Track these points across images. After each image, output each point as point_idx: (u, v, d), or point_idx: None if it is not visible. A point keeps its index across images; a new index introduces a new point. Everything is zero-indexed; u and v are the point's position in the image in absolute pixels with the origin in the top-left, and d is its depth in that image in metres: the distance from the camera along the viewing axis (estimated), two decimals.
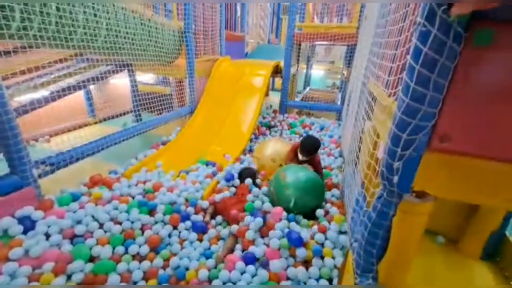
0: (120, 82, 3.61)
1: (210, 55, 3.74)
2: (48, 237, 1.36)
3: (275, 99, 4.61)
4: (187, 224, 1.65)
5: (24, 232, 1.36)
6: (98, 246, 1.38)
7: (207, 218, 1.72)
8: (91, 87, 3.48)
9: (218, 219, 1.75)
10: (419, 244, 0.82)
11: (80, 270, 1.25)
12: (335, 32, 3.63)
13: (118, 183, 1.89)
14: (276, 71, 4.00)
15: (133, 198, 1.74)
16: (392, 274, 0.87)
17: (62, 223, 1.41)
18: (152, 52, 2.54)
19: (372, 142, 1.03)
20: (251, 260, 1.38)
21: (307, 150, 1.98)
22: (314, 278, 1.33)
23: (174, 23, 2.96)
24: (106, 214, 1.53)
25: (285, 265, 1.37)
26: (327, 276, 1.33)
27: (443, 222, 1.22)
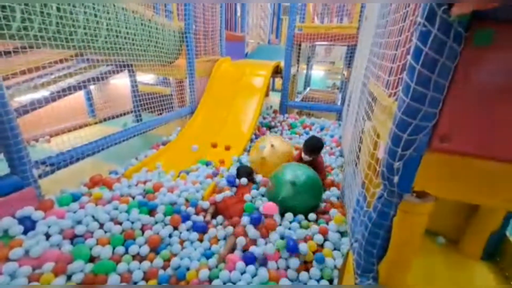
0: (121, 82, 3.61)
1: (210, 55, 3.74)
2: (48, 237, 1.36)
3: (275, 99, 4.62)
4: (188, 224, 1.64)
5: (24, 232, 1.36)
6: (98, 246, 1.38)
7: (208, 218, 1.72)
8: (91, 87, 3.49)
9: (219, 219, 1.74)
10: (419, 244, 0.82)
11: (80, 270, 1.25)
12: (335, 32, 3.64)
13: (118, 183, 1.89)
14: (276, 72, 4.00)
15: (133, 198, 1.74)
16: (393, 274, 0.87)
17: (62, 223, 1.41)
18: (152, 52, 2.54)
19: (372, 142, 1.03)
20: (251, 260, 1.38)
21: (310, 150, 2.01)
22: (314, 279, 1.33)
23: (174, 23, 2.96)
24: (106, 214, 1.53)
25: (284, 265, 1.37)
26: (327, 276, 1.33)
27: (443, 223, 1.22)
